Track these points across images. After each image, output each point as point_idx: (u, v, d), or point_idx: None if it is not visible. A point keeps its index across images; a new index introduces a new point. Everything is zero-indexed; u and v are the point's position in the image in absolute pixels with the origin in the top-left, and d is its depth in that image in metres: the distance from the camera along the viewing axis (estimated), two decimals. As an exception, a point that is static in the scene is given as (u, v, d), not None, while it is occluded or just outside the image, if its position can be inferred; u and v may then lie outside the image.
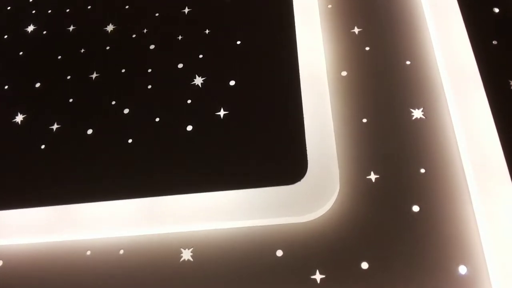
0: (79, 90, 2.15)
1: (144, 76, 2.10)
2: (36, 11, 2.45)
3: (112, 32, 2.25)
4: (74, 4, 2.37)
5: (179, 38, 2.18)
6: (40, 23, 2.39)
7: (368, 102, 1.93)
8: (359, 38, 2.08)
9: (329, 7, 2.19)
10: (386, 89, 1.94)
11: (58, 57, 2.28)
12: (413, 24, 2.07)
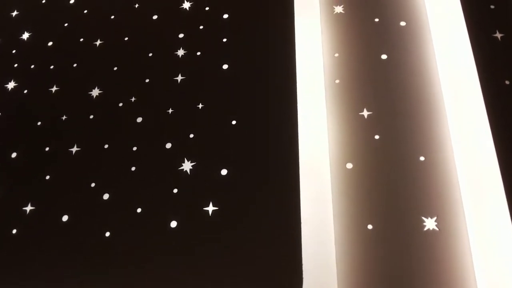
0: (57, 165, 1.95)
1: (128, 155, 1.89)
2: (19, 65, 2.24)
3: (98, 98, 2.02)
4: (57, 63, 2.15)
5: (169, 111, 1.96)
6: (21, 81, 2.17)
7: (374, 204, 1.70)
8: (369, 124, 1.85)
9: (337, 82, 1.96)
10: (395, 189, 1.71)
11: (38, 123, 2.07)
12: (432, 113, 1.83)
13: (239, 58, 2.01)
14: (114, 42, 2.16)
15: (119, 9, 2.25)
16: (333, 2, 2.13)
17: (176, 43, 2.09)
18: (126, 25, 2.20)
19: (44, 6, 2.37)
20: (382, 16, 2.05)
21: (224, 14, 2.13)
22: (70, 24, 2.26)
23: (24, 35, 2.29)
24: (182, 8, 2.19)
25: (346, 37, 2.05)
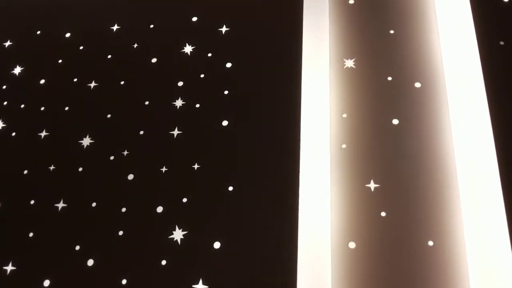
0: (41, 221, 1.83)
1: (116, 217, 1.77)
2: (9, 103, 2.11)
3: (88, 148, 1.89)
4: (49, 104, 2.02)
5: (163, 169, 1.83)
6: (9, 121, 2.05)
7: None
8: (375, 198, 1.72)
9: (343, 147, 1.82)
10: (400, 276, 1.58)
11: (24, 171, 1.94)
12: (445, 192, 1.69)
13: (240, 114, 1.87)
14: (110, 85, 2.03)
15: (117, 47, 2.11)
16: (343, 54, 1.98)
17: (175, 91, 1.96)
18: (123, 67, 2.06)
19: (39, 38, 2.23)
20: (396, 75, 1.91)
21: (227, 63, 1.99)
22: (64, 60, 2.13)
23: (16, 69, 2.16)
24: (184, 52, 2.05)
25: (355, 95, 1.91)
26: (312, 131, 1.86)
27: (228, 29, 2.08)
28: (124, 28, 2.17)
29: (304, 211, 1.69)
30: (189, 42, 2.07)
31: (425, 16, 2.05)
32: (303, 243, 1.63)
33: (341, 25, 2.07)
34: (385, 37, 2.01)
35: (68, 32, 2.21)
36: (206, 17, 2.12)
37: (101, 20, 2.22)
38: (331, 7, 2.10)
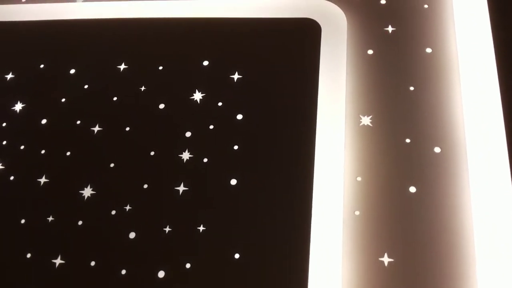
0: (37, 278, 1.74)
1: (115, 281, 1.68)
2: (8, 143, 2.02)
3: (89, 199, 1.80)
4: (50, 147, 1.92)
5: (166, 230, 1.74)
6: (8, 163, 1.96)
7: None
8: (389, 274, 1.63)
9: (357, 214, 1.73)
10: None
11: (22, 221, 1.86)
12: (463, 272, 1.60)
13: (249, 172, 1.78)
14: (114, 131, 1.94)
15: (123, 89, 2.02)
16: (360, 110, 1.89)
17: (182, 143, 1.86)
18: (129, 111, 1.97)
19: (42, 72, 2.14)
20: (415, 137, 1.82)
21: (238, 115, 1.89)
22: (67, 100, 2.04)
23: (17, 105, 2.06)
24: (193, 99, 1.95)
25: (371, 157, 1.82)
26: (325, 194, 1.77)
27: (240, 77, 1.98)
28: (131, 68, 2.08)
29: (313, 282, 1.60)
30: (199, 89, 1.97)
31: (447, 73, 1.96)
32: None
33: (359, 77, 1.98)
34: (404, 94, 1.92)
35: (72, 69, 2.11)
36: (217, 62, 2.03)
37: (108, 57, 2.13)
38: (349, 56, 2.00)
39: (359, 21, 2.12)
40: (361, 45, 2.05)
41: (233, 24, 2.13)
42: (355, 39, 2.06)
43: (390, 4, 2.14)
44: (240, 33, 2.11)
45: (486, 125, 1.83)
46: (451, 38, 2.03)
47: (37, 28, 2.32)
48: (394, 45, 2.05)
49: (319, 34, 2.04)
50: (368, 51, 2.04)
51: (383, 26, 2.09)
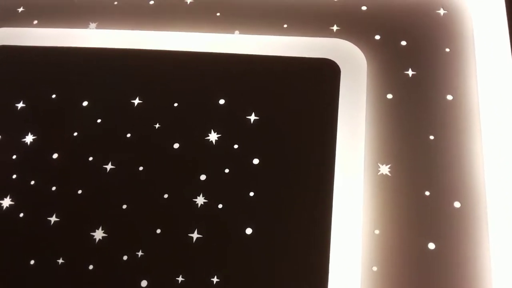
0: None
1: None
2: (18, 177, 1.98)
3: (100, 242, 1.77)
4: (61, 184, 1.89)
5: (179, 279, 1.70)
6: (18, 199, 1.92)
7: None
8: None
9: (374, 269, 1.70)
10: None
11: (31, 262, 1.82)
12: None
13: (265, 223, 1.74)
14: (127, 170, 1.90)
15: (137, 125, 1.97)
16: (379, 158, 1.85)
17: (197, 186, 1.82)
18: (142, 150, 1.93)
19: (54, 103, 2.09)
20: (434, 190, 1.79)
21: (254, 159, 1.85)
22: (80, 134, 1.99)
23: (27, 137, 2.02)
24: (208, 140, 1.91)
25: (390, 209, 1.79)
26: (342, 247, 1.73)
27: (257, 118, 1.94)
28: (146, 103, 2.04)
29: None
30: (214, 129, 1.93)
31: (468, 123, 1.92)
32: None
33: (378, 123, 1.95)
34: (424, 143, 1.89)
35: (85, 101, 2.07)
36: (234, 101, 1.99)
37: (122, 90, 2.09)
38: (368, 100, 1.96)
39: (378, 63, 2.08)
40: (381, 89, 2.02)
41: (251, 61, 2.09)
42: (374, 82, 2.03)
43: (411, 45, 2.11)
44: (258, 70, 2.07)
45: (507, 179, 1.79)
46: (473, 85, 1.99)
47: (49, 54, 2.28)
48: (414, 90, 2.01)
49: (338, 76, 2.00)
50: (388, 95, 2.01)
51: (403, 69, 2.05)
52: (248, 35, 2.21)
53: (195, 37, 2.22)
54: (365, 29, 2.17)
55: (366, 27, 2.17)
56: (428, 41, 2.10)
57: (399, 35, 2.13)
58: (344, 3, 2.26)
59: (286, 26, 2.23)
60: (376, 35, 2.15)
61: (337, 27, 2.18)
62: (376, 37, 2.14)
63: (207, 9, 2.34)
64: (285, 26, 2.22)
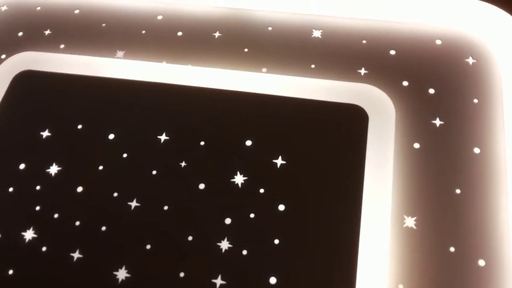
0: None
1: None
2: (41, 209, 1.98)
3: (123, 283, 1.77)
4: (85, 219, 1.89)
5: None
6: (40, 233, 1.92)
7: None
8: None
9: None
10: None
11: (52, 298, 1.82)
12: None
13: (290, 273, 1.74)
14: (152, 209, 1.90)
15: (163, 163, 1.98)
16: (404, 210, 1.85)
17: (221, 230, 1.83)
18: (168, 189, 1.93)
19: (79, 133, 2.10)
20: (459, 246, 1.79)
21: (280, 205, 1.86)
22: (105, 168, 2.00)
23: (52, 167, 2.02)
24: (234, 182, 1.91)
25: (414, 263, 1.80)
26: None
27: (283, 163, 1.94)
28: (172, 139, 2.04)
29: None
30: (240, 171, 1.93)
31: (495, 179, 1.92)
32: None
33: (404, 173, 1.95)
34: (450, 197, 1.89)
35: (111, 133, 2.07)
36: (260, 143, 1.99)
37: (149, 125, 2.09)
38: (395, 149, 1.96)
39: (406, 110, 2.08)
40: (408, 137, 2.02)
41: (278, 102, 2.10)
42: (401, 130, 2.03)
43: (439, 94, 2.11)
44: (285, 112, 2.08)
45: (533, 240, 1.79)
46: (500, 139, 1.99)
47: (75, 82, 2.29)
48: (441, 141, 2.01)
49: (366, 123, 2.00)
50: (415, 145, 2.01)
51: (431, 119, 2.05)
52: (275, 74, 2.21)
53: (222, 73, 2.22)
54: (393, 74, 2.17)
55: (394, 72, 2.18)
56: (456, 90, 2.11)
57: (427, 82, 2.14)
58: (372, 45, 2.26)
59: (314, 66, 2.22)
60: (404, 81, 2.14)
61: (365, 70, 2.18)
62: (404, 83, 2.14)
63: (235, 44, 2.35)
64: (312, 66, 2.23)
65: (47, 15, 2.61)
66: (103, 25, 2.53)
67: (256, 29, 2.38)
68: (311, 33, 2.33)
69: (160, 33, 2.44)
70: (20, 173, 2.06)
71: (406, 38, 2.27)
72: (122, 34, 2.46)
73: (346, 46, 2.27)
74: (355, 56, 2.23)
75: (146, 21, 2.51)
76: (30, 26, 2.58)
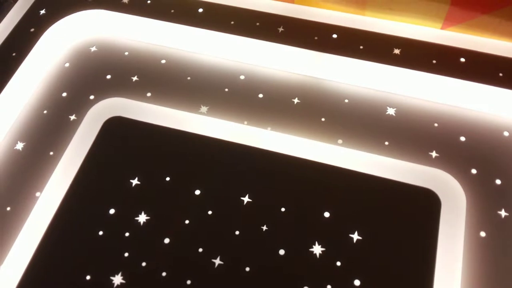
0: None
1: None
2: (130, 255, 2.13)
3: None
4: (171, 277, 2.04)
5: None
6: (128, 277, 2.07)
7: None
8: None
9: None
10: None
11: None
12: None
13: None
14: (234, 269, 2.05)
15: (246, 224, 2.13)
16: None
17: None
18: (249, 251, 2.08)
19: (167, 184, 2.26)
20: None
21: (356, 279, 2.00)
22: (191, 222, 2.17)
23: (140, 216, 2.19)
24: (312, 251, 2.07)
25: None
26: None
27: (359, 238, 2.10)
28: (255, 203, 2.20)
29: None
30: (319, 241, 2.08)
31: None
32: None
33: (472, 262, 2.08)
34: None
35: (198, 189, 2.23)
36: (338, 216, 2.14)
37: (233, 185, 2.25)
38: (466, 237, 2.10)
39: (473, 198, 2.23)
40: (475, 226, 2.16)
41: (354, 176, 2.25)
42: (470, 218, 2.17)
43: (506, 185, 2.25)
44: (360, 187, 2.23)
45: None
46: None
47: (162, 134, 2.46)
48: (506, 232, 2.15)
49: (439, 208, 2.15)
50: (481, 233, 2.15)
51: (497, 209, 2.20)
52: (350, 149, 2.38)
53: (300, 141, 2.39)
54: (462, 161, 2.33)
55: (463, 158, 2.33)
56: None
57: (494, 172, 2.29)
58: (444, 129, 2.43)
59: (388, 143, 2.38)
60: (473, 169, 2.30)
61: (436, 153, 2.34)
62: (472, 171, 2.29)
63: (313, 112, 2.51)
64: (386, 143, 2.38)
65: (135, 61, 2.80)
66: (188, 78, 2.69)
67: (333, 100, 2.55)
68: (385, 110, 2.49)
69: (242, 93, 2.62)
70: (110, 218, 2.22)
71: (476, 126, 2.43)
72: (206, 89, 2.64)
73: (419, 127, 2.43)
74: (427, 138, 2.40)
75: (229, 79, 2.69)
76: (118, 70, 2.76)
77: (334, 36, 2.69)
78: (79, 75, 2.79)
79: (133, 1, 2.96)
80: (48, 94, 2.74)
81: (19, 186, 2.42)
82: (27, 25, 2.92)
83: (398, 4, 2.65)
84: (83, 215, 2.24)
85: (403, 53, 2.58)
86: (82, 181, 2.32)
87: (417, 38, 2.63)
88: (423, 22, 2.68)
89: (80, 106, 2.66)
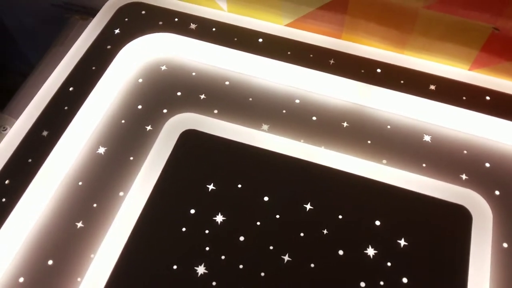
0: None
1: None
2: (211, 249, 2.51)
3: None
4: (246, 269, 2.42)
5: None
6: (211, 267, 2.44)
7: None
8: None
9: None
10: None
11: (222, 325, 2.33)
12: None
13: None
14: (300, 266, 2.43)
15: (308, 228, 2.52)
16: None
17: (357, 291, 2.37)
18: (313, 250, 2.47)
19: (239, 192, 2.65)
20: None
21: (403, 277, 2.42)
22: (262, 224, 2.55)
23: (218, 216, 2.57)
24: (366, 253, 2.48)
25: None
26: None
27: (406, 244, 2.52)
28: (315, 210, 2.61)
29: None
30: (371, 245, 2.50)
31: None
32: None
33: (500, 273, 2.51)
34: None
35: (266, 196, 2.64)
36: (386, 225, 2.56)
37: (296, 194, 2.66)
38: (493, 248, 2.54)
39: (499, 215, 2.68)
40: (500, 238, 2.61)
41: (399, 193, 2.68)
42: (496, 230, 2.62)
43: (523, 204, 2.71)
44: (404, 203, 2.66)
45: None
46: None
47: (230, 147, 2.85)
48: (524, 245, 2.59)
49: (471, 222, 2.60)
50: (503, 244, 2.60)
51: (515, 225, 2.64)
52: (393, 168, 2.81)
53: (349, 159, 2.81)
54: (487, 183, 2.78)
55: (488, 181, 2.79)
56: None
57: (513, 194, 2.74)
58: (472, 156, 2.88)
59: (425, 165, 2.83)
60: (496, 190, 2.76)
61: (465, 176, 2.79)
62: (496, 192, 2.75)
63: (360, 135, 2.95)
64: (424, 165, 2.83)
65: (201, 81, 3.20)
66: (250, 99, 3.11)
67: (378, 125, 3.00)
68: (422, 136, 2.95)
69: (297, 115, 3.04)
70: (191, 217, 2.61)
71: (499, 154, 2.89)
72: (266, 110, 3.05)
73: (451, 152, 2.88)
74: (458, 162, 2.85)
75: (286, 102, 3.11)
76: (186, 88, 3.16)
77: (378, 70, 3.14)
78: (152, 90, 3.17)
79: (199, 28, 3.36)
80: (125, 106, 3.11)
81: (102, 186, 2.79)
82: (104, 43, 3.30)
83: (434, 46, 3.12)
84: (167, 214, 2.62)
85: (438, 88, 3.04)
86: (164, 184, 2.70)
87: (449, 76, 3.10)
88: (454, 63, 3.15)
89: (155, 118, 3.04)
